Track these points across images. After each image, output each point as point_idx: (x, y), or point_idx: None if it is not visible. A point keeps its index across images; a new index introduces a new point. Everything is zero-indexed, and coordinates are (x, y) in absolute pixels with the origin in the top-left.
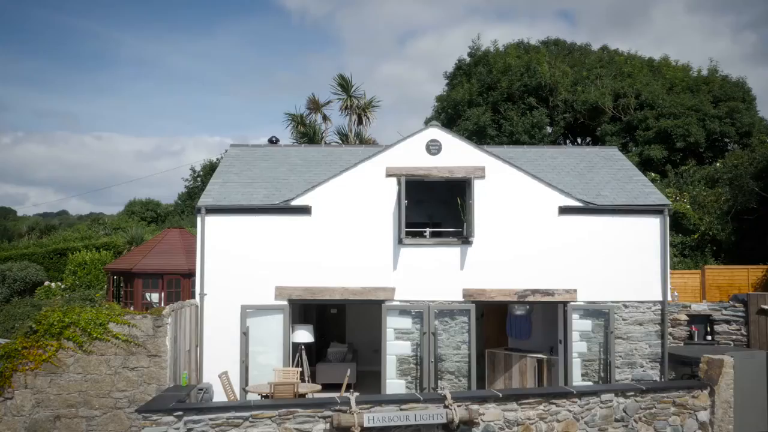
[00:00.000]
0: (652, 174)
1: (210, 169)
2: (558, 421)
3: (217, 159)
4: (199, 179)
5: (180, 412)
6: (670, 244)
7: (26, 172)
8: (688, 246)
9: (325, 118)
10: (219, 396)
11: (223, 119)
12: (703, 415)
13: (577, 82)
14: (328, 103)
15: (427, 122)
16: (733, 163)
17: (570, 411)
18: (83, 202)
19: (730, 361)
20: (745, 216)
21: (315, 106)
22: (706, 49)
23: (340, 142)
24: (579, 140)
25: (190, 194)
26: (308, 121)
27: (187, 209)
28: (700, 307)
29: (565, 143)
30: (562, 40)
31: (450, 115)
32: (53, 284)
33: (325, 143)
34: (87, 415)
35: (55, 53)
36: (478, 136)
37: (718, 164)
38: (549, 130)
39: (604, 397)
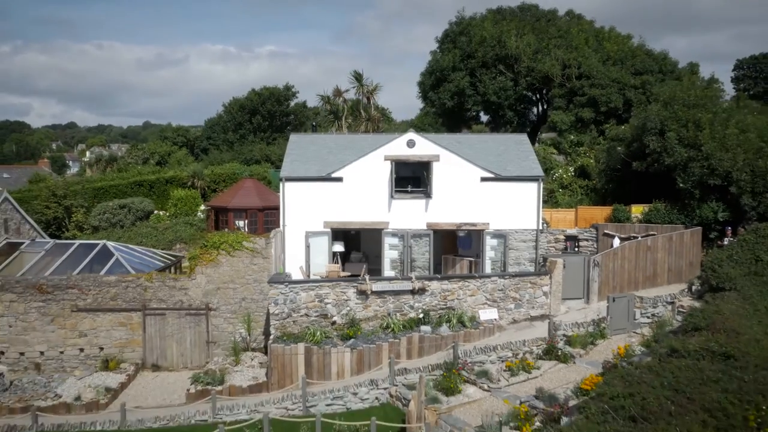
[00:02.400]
0: (571, 136)
1: (240, 107)
2: (469, 289)
3: (244, 96)
4: (231, 114)
5: (286, 283)
6: (580, 186)
7: (28, 81)
8: (590, 189)
9: (344, 100)
10: (296, 277)
11: (225, 27)
12: (545, 288)
13: (539, 50)
14: (347, 90)
15: (422, 77)
16: (612, 135)
17: (475, 285)
18: (87, 113)
19: (561, 260)
20: (615, 172)
21: (338, 93)
22: None
23: (356, 116)
24: (538, 95)
25: (224, 128)
26: (332, 102)
27: (218, 138)
28: (572, 231)
29: (532, 99)
30: (534, 5)
31: (437, 77)
32: (161, 213)
33: (345, 118)
34: (233, 287)
35: None
36: (458, 96)
37: (622, 128)
38: (512, 92)
39: (493, 278)
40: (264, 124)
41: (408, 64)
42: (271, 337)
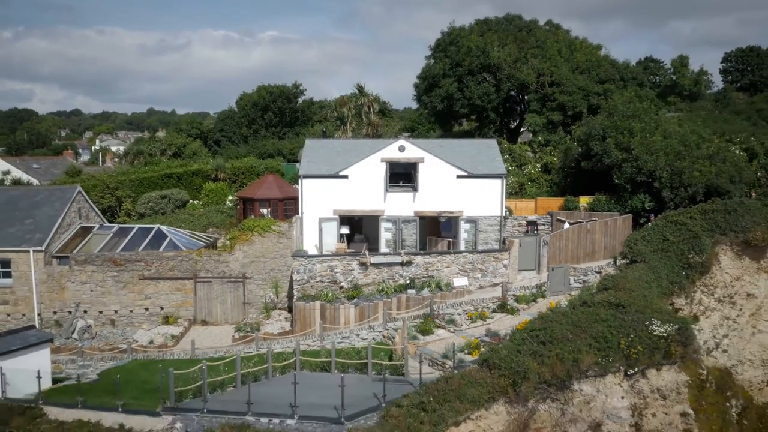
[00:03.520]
0: (539, 137)
1: (253, 104)
2: (446, 262)
3: (252, 91)
4: (243, 110)
5: (305, 257)
6: (545, 180)
7: (30, 67)
8: (553, 182)
9: (348, 108)
10: (312, 253)
11: (227, 12)
12: (505, 262)
13: (518, 59)
14: (350, 99)
15: (417, 80)
16: (576, 136)
17: (450, 259)
18: (90, 99)
19: (518, 240)
20: (570, 169)
21: (343, 103)
22: None
23: (358, 120)
24: (520, 98)
25: (238, 123)
26: (338, 111)
27: (231, 130)
28: (532, 218)
29: (516, 99)
30: (518, 16)
31: (429, 83)
32: (195, 202)
33: (349, 123)
34: (263, 260)
35: None
36: (447, 100)
37: (584, 129)
38: (494, 97)
39: (464, 254)
40: (275, 120)
41: (410, 49)
42: (295, 297)
